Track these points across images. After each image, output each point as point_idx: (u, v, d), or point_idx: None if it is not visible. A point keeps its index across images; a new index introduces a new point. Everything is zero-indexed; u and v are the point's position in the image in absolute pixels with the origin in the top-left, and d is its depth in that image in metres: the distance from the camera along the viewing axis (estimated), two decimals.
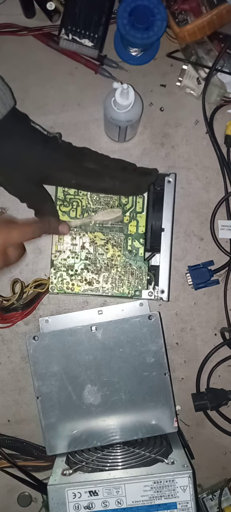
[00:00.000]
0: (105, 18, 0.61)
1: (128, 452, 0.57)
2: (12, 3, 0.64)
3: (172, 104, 0.65)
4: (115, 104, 0.56)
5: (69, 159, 0.56)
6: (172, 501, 0.51)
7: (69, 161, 0.56)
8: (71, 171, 0.56)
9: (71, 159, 0.56)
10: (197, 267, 0.64)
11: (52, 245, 0.61)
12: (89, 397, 0.58)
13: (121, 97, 0.55)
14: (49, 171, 0.56)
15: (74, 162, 0.56)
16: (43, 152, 0.55)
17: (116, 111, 0.56)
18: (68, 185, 0.59)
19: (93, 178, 0.57)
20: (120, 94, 0.55)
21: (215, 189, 0.65)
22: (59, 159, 0.56)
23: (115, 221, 0.60)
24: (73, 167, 0.56)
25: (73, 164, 0.56)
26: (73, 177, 0.57)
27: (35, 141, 0.55)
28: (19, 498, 0.66)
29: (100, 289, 0.60)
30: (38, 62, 0.65)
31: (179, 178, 0.63)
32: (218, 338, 0.65)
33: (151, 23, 0.59)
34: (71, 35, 0.61)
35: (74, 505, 0.51)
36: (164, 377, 0.58)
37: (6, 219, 0.58)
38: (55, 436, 0.58)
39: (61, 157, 0.56)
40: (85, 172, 0.57)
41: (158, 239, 0.61)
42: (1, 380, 0.65)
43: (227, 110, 0.65)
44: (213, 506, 0.64)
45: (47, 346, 0.57)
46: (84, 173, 0.57)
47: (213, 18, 0.60)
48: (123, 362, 0.58)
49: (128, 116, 0.57)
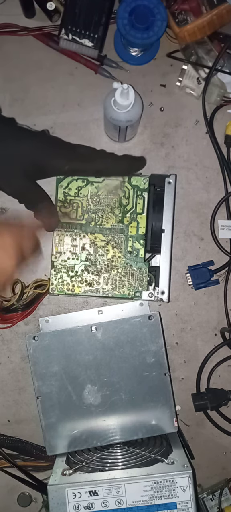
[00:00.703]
0: (105, 18, 0.61)
1: (128, 452, 0.57)
2: (12, 3, 0.64)
3: (172, 104, 0.65)
4: (115, 104, 0.56)
5: (60, 146, 0.58)
6: (172, 501, 0.51)
7: (60, 148, 0.57)
8: (63, 157, 0.57)
9: (61, 146, 0.58)
10: (197, 267, 0.64)
11: (53, 246, 0.61)
12: (89, 397, 0.58)
13: (121, 97, 0.55)
14: (42, 161, 0.56)
15: (65, 148, 0.58)
16: (33, 144, 0.56)
17: (115, 111, 0.56)
18: (63, 172, 0.59)
19: (86, 161, 0.58)
20: (120, 94, 0.55)
21: (215, 189, 0.65)
22: (50, 147, 0.57)
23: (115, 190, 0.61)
24: (64, 153, 0.57)
25: (64, 150, 0.57)
26: (66, 162, 0.57)
27: (24, 136, 0.56)
28: (19, 498, 0.66)
29: (100, 290, 0.60)
30: (38, 62, 0.65)
31: (179, 178, 0.63)
32: (218, 338, 0.65)
33: (151, 23, 0.59)
34: (71, 35, 0.61)
35: (74, 505, 0.51)
36: (164, 377, 0.58)
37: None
38: (55, 436, 0.58)
39: (51, 145, 0.57)
40: (77, 156, 0.57)
41: (158, 240, 0.61)
42: (1, 380, 0.65)
43: (227, 110, 0.65)
44: (213, 506, 0.65)
45: (47, 346, 0.57)
46: (77, 157, 0.57)
47: (213, 18, 0.60)
48: (123, 362, 0.58)
49: (128, 116, 0.57)
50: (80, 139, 0.64)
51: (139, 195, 0.61)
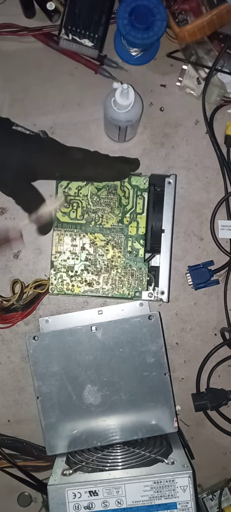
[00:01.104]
0: (105, 18, 0.61)
1: (128, 452, 0.57)
2: (12, 3, 0.64)
3: (172, 104, 0.65)
4: (115, 104, 0.56)
5: (51, 152, 0.58)
6: (172, 501, 0.51)
7: (52, 155, 0.58)
8: (54, 164, 0.58)
9: (53, 153, 0.58)
10: (197, 267, 0.64)
11: (52, 246, 0.61)
12: (89, 397, 0.58)
13: (120, 97, 0.55)
14: (34, 166, 0.57)
15: (56, 155, 0.58)
16: (24, 150, 0.56)
17: (116, 111, 0.56)
18: (54, 177, 0.60)
19: (77, 167, 0.58)
20: (120, 94, 0.55)
21: (215, 189, 0.65)
22: (42, 153, 0.57)
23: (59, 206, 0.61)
24: (56, 160, 0.58)
25: (55, 156, 0.58)
26: (56, 170, 0.58)
27: (16, 141, 0.56)
28: (19, 498, 0.66)
29: (100, 290, 0.60)
30: (38, 62, 0.65)
31: (179, 178, 0.63)
32: (218, 338, 0.65)
33: (151, 23, 0.59)
34: (71, 35, 0.61)
35: (74, 505, 0.51)
36: (164, 377, 0.58)
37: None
38: (55, 436, 0.58)
39: (43, 150, 0.57)
40: (68, 164, 0.58)
41: (158, 240, 0.61)
42: (1, 380, 0.65)
43: (227, 110, 0.65)
44: (213, 506, 0.65)
45: (47, 346, 0.57)
46: (68, 165, 0.58)
47: (213, 18, 0.60)
48: (123, 362, 0.58)
49: (128, 116, 0.57)
50: (80, 139, 0.64)
51: (139, 195, 0.61)
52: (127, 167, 0.60)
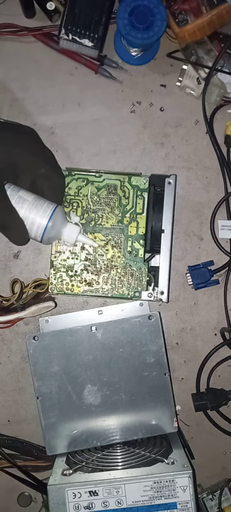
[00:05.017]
0: (105, 18, 0.61)
1: (128, 452, 0.57)
2: (12, 3, 0.64)
3: (172, 104, 0.65)
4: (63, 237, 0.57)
5: (36, 142, 0.54)
6: (172, 501, 0.51)
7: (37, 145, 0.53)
8: (40, 157, 0.53)
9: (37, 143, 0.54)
10: (197, 267, 0.64)
11: (52, 246, 0.61)
12: (89, 397, 0.58)
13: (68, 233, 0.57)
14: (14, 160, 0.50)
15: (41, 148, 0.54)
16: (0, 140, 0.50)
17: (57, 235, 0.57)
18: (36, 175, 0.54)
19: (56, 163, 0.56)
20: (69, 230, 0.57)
21: (215, 189, 0.65)
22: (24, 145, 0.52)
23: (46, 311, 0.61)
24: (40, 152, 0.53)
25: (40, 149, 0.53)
26: (43, 164, 0.53)
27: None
28: (19, 498, 0.66)
29: (100, 290, 0.60)
30: (38, 62, 0.65)
31: (179, 178, 0.63)
32: (218, 338, 0.65)
33: (151, 23, 0.59)
34: (71, 35, 0.61)
35: (74, 505, 0.51)
36: (164, 377, 0.58)
37: None
38: (55, 436, 0.58)
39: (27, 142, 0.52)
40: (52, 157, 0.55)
41: (158, 240, 0.61)
42: (1, 380, 0.65)
43: (227, 110, 0.65)
44: (213, 506, 0.65)
45: (47, 346, 0.57)
46: (53, 159, 0.55)
47: (213, 18, 0.60)
48: (123, 362, 0.58)
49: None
50: (80, 139, 0.64)
51: (139, 195, 0.61)
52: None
